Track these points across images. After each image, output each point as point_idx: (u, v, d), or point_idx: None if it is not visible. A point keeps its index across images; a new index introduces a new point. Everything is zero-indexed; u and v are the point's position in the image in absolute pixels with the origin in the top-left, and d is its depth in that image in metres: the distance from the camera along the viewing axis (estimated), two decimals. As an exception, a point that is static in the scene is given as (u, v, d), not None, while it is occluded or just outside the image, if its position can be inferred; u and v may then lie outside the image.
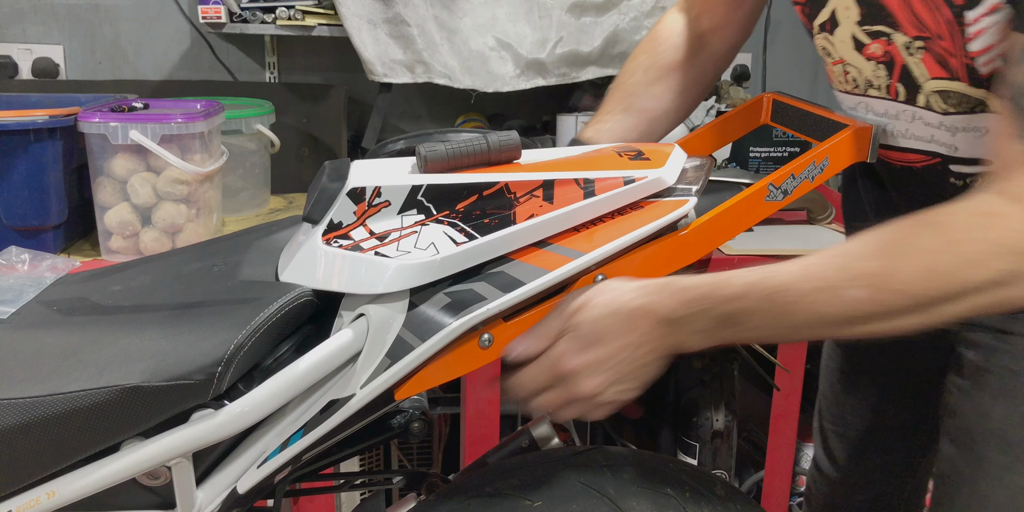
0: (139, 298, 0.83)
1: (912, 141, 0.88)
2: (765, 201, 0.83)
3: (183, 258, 0.92)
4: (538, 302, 0.77)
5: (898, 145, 0.90)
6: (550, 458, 0.90)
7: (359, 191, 0.74)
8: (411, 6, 1.85)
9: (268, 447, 0.76)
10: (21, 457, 0.72)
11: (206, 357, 0.72)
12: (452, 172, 0.77)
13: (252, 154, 1.79)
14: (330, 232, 0.75)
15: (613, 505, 0.82)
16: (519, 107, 2.25)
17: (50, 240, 1.52)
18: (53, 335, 0.80)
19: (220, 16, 1.85)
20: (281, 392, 0.74)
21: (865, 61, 0.88)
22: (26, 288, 0.90)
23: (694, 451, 1.85)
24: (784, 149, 1.88)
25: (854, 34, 0.88)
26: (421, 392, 0.87)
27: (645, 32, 2.05)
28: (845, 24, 0.88)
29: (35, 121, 1.43)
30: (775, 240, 1.66)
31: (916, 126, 0.87)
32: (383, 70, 1.86)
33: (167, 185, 1.47)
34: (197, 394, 0.72)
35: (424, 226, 0.75)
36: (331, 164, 0.78)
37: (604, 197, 0.79)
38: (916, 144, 0.88)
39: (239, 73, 2.15)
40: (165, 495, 0.77)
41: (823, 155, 0.85)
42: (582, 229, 0.79)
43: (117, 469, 0.73)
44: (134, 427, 0.73)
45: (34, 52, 2.04)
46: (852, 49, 0.89)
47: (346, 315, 0.76)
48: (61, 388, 0.71)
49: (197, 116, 1.47)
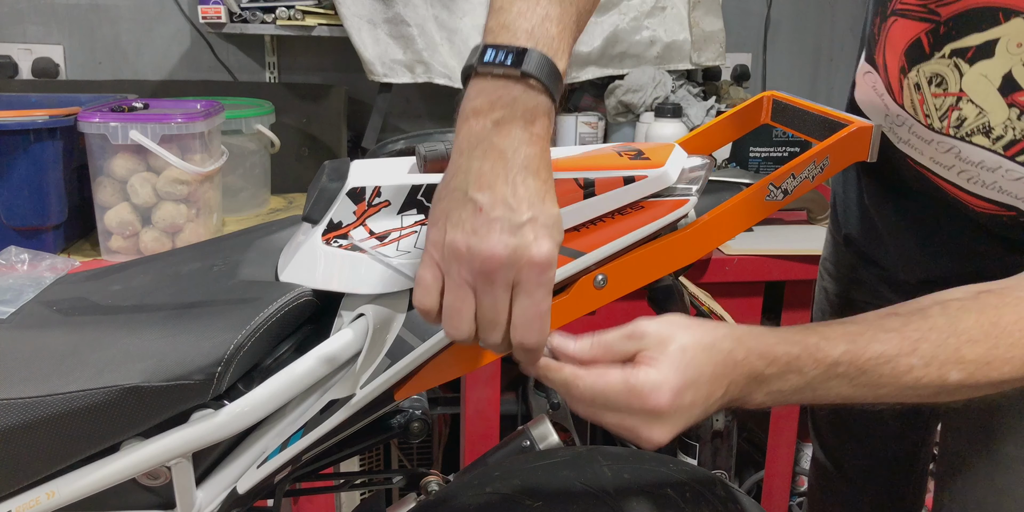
0: (139, 298, 0.83)
1: (995, 193, 0.82)
2: (765, 201, 0.83)
3: (183, 258, 0.92)
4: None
5: (973, 191, 0.83)
6: (550, 458, 0.90)
7: (359, 191, 0.74)
8: (411, 6, 1.85)
9: (268, 447, 0.76)
10: (21, 457, 0.72)
11: (206, 357, 0.72)
12: None
13: (252, 154, 1.79)
14: (330, 232, 0.75)
15: (613, 505, 0.82)
16: (519, 107, 2.24)
17: (50, 240, 1.52)
18: (53, 335, 0.80)
19: (220, 16, 1.85)
20: (281, 392, 0.74)
21: (1005, 106, 0.77)
22: (26, 288, 0.90)
23: (694, 451, 1.85)
24: (784, 149, 1.88)
25: (1012, 73, 0.76)
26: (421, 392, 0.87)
27: (645, 32, 2.07)
28: (1005, 60, 0.76)
29: (35, 121, 1.43)
30: (775, 240, 1.66)
31: (1008, 181, 0.80)
32: (383, 70, 1.86)
33: (167, 185, 1.47)
34: (197, 394, 0.72)
35: (424, 226, 0.75)
36: (331, 164, 0.78)
37: (604, 197, 0.78)
38: (997, 196, 0.82)
39: (239, 73, 2.15)
40: (165, 495, 0.77)
41: (823, 154, 0.85)
42: (582, 229, 0.79)
43: (117, 469, 0.73)
44: (134, 427, 0.73)
45: (34, 52, 2.04)
46: (993, 88, 0.78)
47: (346, 315, 0.76)
48: (61, 388, 0.71)
49: (197, 116, 1.47)
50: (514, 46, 0.65)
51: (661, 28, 2.07)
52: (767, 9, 2.38)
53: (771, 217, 1.78)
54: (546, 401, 1.76)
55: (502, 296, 0.62)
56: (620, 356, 0.66)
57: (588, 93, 2.12)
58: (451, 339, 0.65)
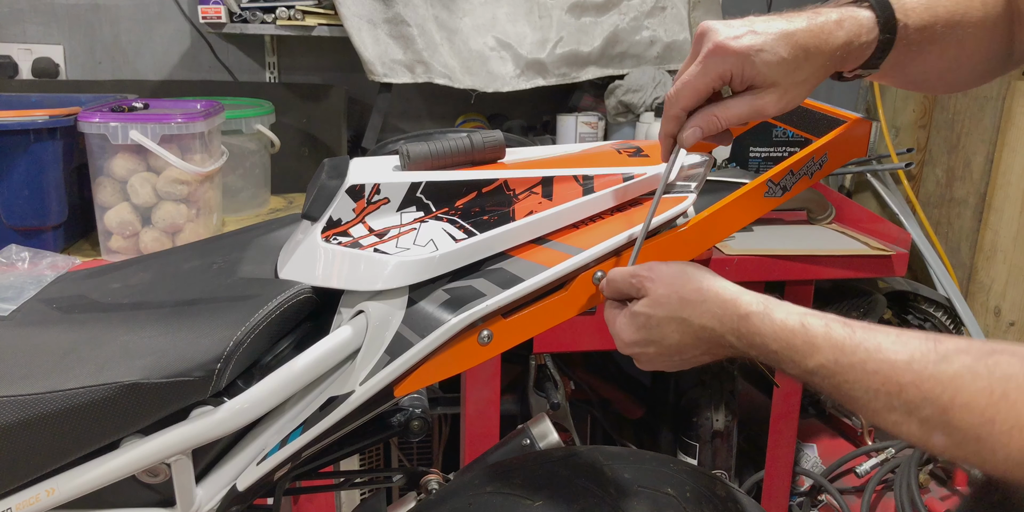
0: (138, 295, 0.84)
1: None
2: (764, 197, 0.83)
3: (182, 256, 0.92)
4: (537, 298, 0.77)
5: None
6: (550, 458, 0.90)
7: (358, 188, 0.74)
8: (411, 6, 1.85)
9: (267, 444, 0.76)
10: (21, 454, 0.72)
11: (205, 354, 0.72)
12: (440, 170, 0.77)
13: (252, 154, 1.79)
14: (329, 229, 0.75)
15: (613, 505, 0.82)
16: (519, 107, 2.25)
17: (50, 240, 1.52)
18: (53, 332, 0.80)
19: (220, 16, 1.85)
20: (280, 389, 0.74)
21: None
22: (26, 286, 0.90)
23: (694, 451, 1.85)
24: (784, 149, 1.88)
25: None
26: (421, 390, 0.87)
27: (645, 32, 2.07)
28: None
29: (35, 121, 1.43)
30: (775, 240, 1.66)
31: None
32: (383, 70, 1.87)
33: (167, 185, 1.47)
34: (196, 391, 0.72)
35: (423, 223, 0.75)
36: (330, 162, 0.78)
37: (603, 194, 0.79)
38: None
39: (239, 73, 2.15)
40: (165, 492, 0.77)
41: (822, 151, 0.85)
42: (581, 226, 0.79)
43: (117, 466, 0.73)
44: (134, 424, 0.73)
45: (34, 52, 2.05)
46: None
47: (345, 312, 0.76)
48: (61, 385, 0.71)
49: (197, 116, 1.47)
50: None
51: (661, 28, 2.07)
52: (767, 9, 2.38)
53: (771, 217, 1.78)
54: (546, 401, 1.76)
55: None
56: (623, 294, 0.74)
57: (588, 93, 2.12)
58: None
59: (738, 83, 0.74)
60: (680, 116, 0.77)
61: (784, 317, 0.65)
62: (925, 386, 0.58)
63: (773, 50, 0.72)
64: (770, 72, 0.72)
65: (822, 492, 1.88)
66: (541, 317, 0.77)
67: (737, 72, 0.73)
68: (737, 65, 0.72)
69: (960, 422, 0.56)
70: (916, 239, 2.15)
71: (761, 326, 0.66)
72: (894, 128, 2.32)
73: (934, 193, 2.26)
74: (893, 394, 0.59)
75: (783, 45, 0.72)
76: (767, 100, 0.74)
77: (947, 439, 0.57)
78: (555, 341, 1.60)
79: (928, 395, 0.58)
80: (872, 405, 0.60)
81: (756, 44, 0.72)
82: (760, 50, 0.72)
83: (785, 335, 0.65)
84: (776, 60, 0.72)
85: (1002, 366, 0.57)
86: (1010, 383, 0.56)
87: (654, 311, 0.71)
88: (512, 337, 0.76)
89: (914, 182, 2.31)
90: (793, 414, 1.79)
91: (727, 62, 0.73)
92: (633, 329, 0.72)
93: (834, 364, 0.62)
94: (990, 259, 2.08)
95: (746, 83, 0.74)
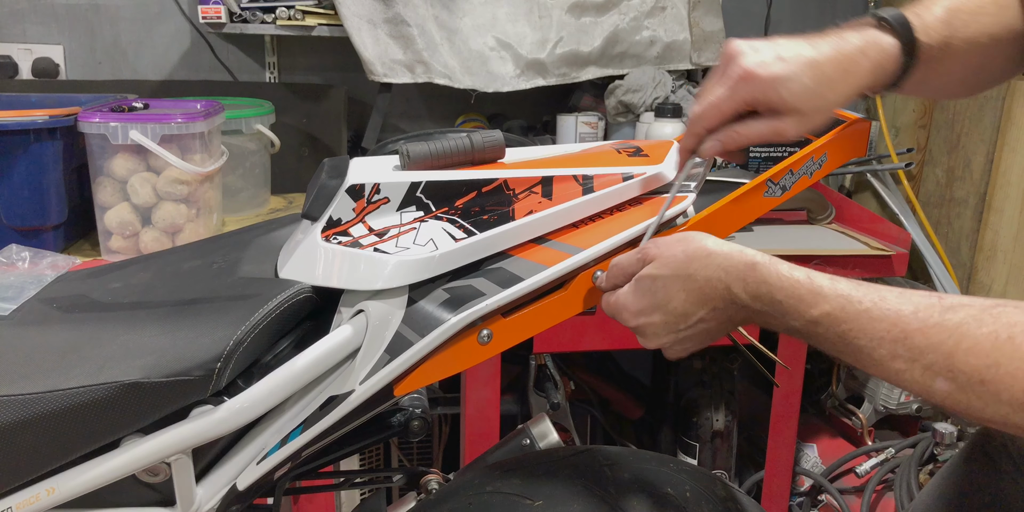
0: (139, 295, 0.84)
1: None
2: (763, 197, 0.83)
3: (183, 255, 0.92)
4: (537, 298, 0.77)
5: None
6: (550, 458, 0.90)
7: (358, 188, 0.74)
8: (411, 6, 1.86)
9: (267, 443, 0.76)
10: (21, 454, 0.72)
11: (205, 353, 0.72)
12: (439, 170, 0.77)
13: (252, 154, 1.79)
14: (329, 229, 0.75)
15: (613, 505, 0.82)
16: (519, 107, 2.25)
17: (50, 240, 1.52)
18: (53, 332, 0.80)
19: (220, 16, 1.85)
20: (280, 388, 0.74)
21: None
22: (26, 285, 0.90)
23: (694, 451, 1.85)
24: (784, 149, 1.88)
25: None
26: (421, 389, 0.87)
27: (645, 32, 2.07)
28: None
29: (35, 121, 1.43)
30: (775, 240, 1.66)
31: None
32: (383, 70, 1.87)
33: (167, 185, 1.47)
34: (196, 390, 0.72)
35: (423, 222, 0.75)
36: (330, 161, 0.78)
37: (603, 193, 0.79)
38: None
39: (239, 73, 2.15)
40: (165, 492, 0.77)
41: (821, 151, 0.85)
42: (581, 225, 0.79)
43: (117, 466, 0.73)
44: (134, 423, 0.73)
45: (34, 52, 2.05)
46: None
47: (345, 311, 0.76)
48: (61, 384, 0.71)
49: (197, 116, 1.47)
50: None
51: (661, 28, 2.07)
52: (767, 9, 2.38)
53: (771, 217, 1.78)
54: (546, 401, 1.76)
55: None
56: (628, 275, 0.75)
57: (588, 93, 2.12)
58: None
59: (762, 107, 0.76)
60: (702, 134, 0.79)
61: (789, 268, 0.67)
62: (930, 333, 0.59)
63: (799, 79, 0.74)
64: (794, 100, 0.74)
65: (822, 492, 1.88)
66: (541, 316, 0.77)
67: (762, 99, 0.75)
68: (762, 92, 0.75)
69: (964, 365, 0.57)
70: (916, 239, 2.15)
71: (768, 274, 0.67)
72: (894, 128, 2.32)
73: (934, 193, 2.26)
74: (898, 341, 0.60)
75: (808, 74, 0.74)
76: (788, 125, 0.76)
77: (950, 384, 0.58)
78: (555, 341, 1.60)
79: (933, 341, 0.59)
80: (876, 353, 0.61)
81: (783, 73, 0.74)
82: (787, 79, 0.74)
83: (791, 284, 0.66)
84: (801, 89, 0.74)
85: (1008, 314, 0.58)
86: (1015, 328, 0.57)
87: (660, 271, 0.71)
88: (512, 336, 0.76)
89: (914, 182, 2.31)
90: (793, 414, 1.79)
91: (754, 89, 0.75)
92: (639, 295, 0.73)
93: (840, 311, 0.63)
94: (990, 259, 2.08)
95: (770, 108, 0.76)
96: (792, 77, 0.74)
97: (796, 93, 0.74)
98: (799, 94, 0.74)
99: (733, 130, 0.78)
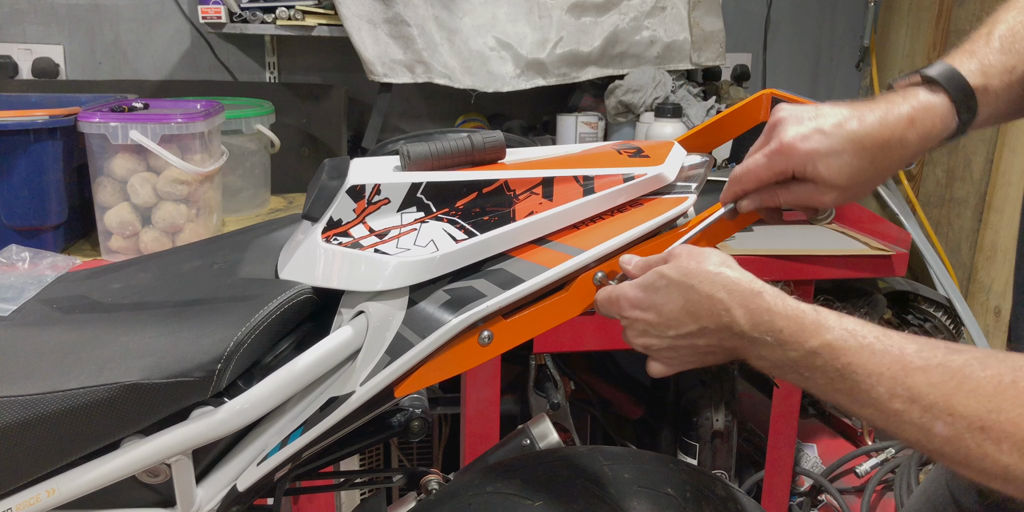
0: (139, 296, 0.84)
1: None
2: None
3: (183, 256, 0.92)
4: (538, 299, 0.77)
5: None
6: (550, 458, 0.90)
7: (359, 188, 0.74)
8: (411, 6, 1.85)
9: (268, 444, 0.76)
10: (21, 454, 0.72)
11: (206, 354, 0.72)
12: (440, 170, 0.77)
13: (252, 154, 1.79)
14: (330, 229, 0.75)
15: (613, 505, 0.82)
16: (519, 107, 2.25)
17: (50, 240, 1.52)
18: (53, 333, 0.80)
19: (220, 16, 1.85)
20: (281, 389, 0.74)
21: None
22: (27, 286, 0.90)
23: (694, 451, 1.85)
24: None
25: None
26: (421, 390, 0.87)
27: (645, 32, 2.07)
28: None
29: (35, 121, 1.43)
30: (775, 240, 1.66)
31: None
32: (383, 70, 1.87)
33: (167, 185, 1.47)
34: (197, 391, 0.72)
35: (424, 223, 0.75)
36: (330, 162, 0.78)
37: (603, 194, 0.79)
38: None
39: (239, 73, 2.15)
40: (165, 493, 0.77)
41: None
42: (581, 226, 0.79)
43: (117, 466, 0.73)
44: (134, 424, 0.73)
45: (34, 52, 2.05)
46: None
47: (346, 312, 0.76)
48: (61, 385, 0.71)
49: (197, 116, 1.47)
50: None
51: (661, 28, 2.07)
52: (767, 9, 2.38)
53: (771, 217, 1.78)
54: (546, 401, 1.76)
55: None
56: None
57: (588, 93, 2.12)
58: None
59: (801, 177, 0.76)
60: (740, 195, 0.80)
61: (796, 301, 0.66)
62: (933, 372, 0.57)
63: (839, 155, 0.73)
64: (831, 176, 0.74)
65: (822, 492, 1.88)
66: (542, 318, 0.77)
67: (799, 171, 0.75)
68: (800, 165, 0.74)
69: (964, 409, 0.54)
70: (916, 239, 2.15)
71: (772, 304, 0.66)
72: (894, 128, 2.32)
73: (934, 193, 2.26)
74: (898, 378, 0.58)
75: (849, 151, 0.73)
76: (826, 196, 0.76)
77: (948, 429, 0.55)
78: (555, 341, 1.60)
79: (935, 381, 0.56)
80: (874, 391, 0.59)
81: (822, 148, 0.73)
82: (826, 155, 0.73)
83: (796, 313, 0.65)
84: (840, 165, 0.73)
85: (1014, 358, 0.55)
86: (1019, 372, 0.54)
87: (670, 271, 0.71)
88: (512, 338, 0.76)
89: (914, 182, 2.31)
90: (793, 414, 1.79)
91: (792, 162, 0.75)
92: (640, 288, 0.72)
93: (842, 342, 0.61)
94: (990, 259, 2.09)
95: (809, 178, 0.75)
96: (831, 153, 0.73)
97: (834, 169, 0.73)
98: (837, 170, 0.73)
99: (774, 191, 0.78)
